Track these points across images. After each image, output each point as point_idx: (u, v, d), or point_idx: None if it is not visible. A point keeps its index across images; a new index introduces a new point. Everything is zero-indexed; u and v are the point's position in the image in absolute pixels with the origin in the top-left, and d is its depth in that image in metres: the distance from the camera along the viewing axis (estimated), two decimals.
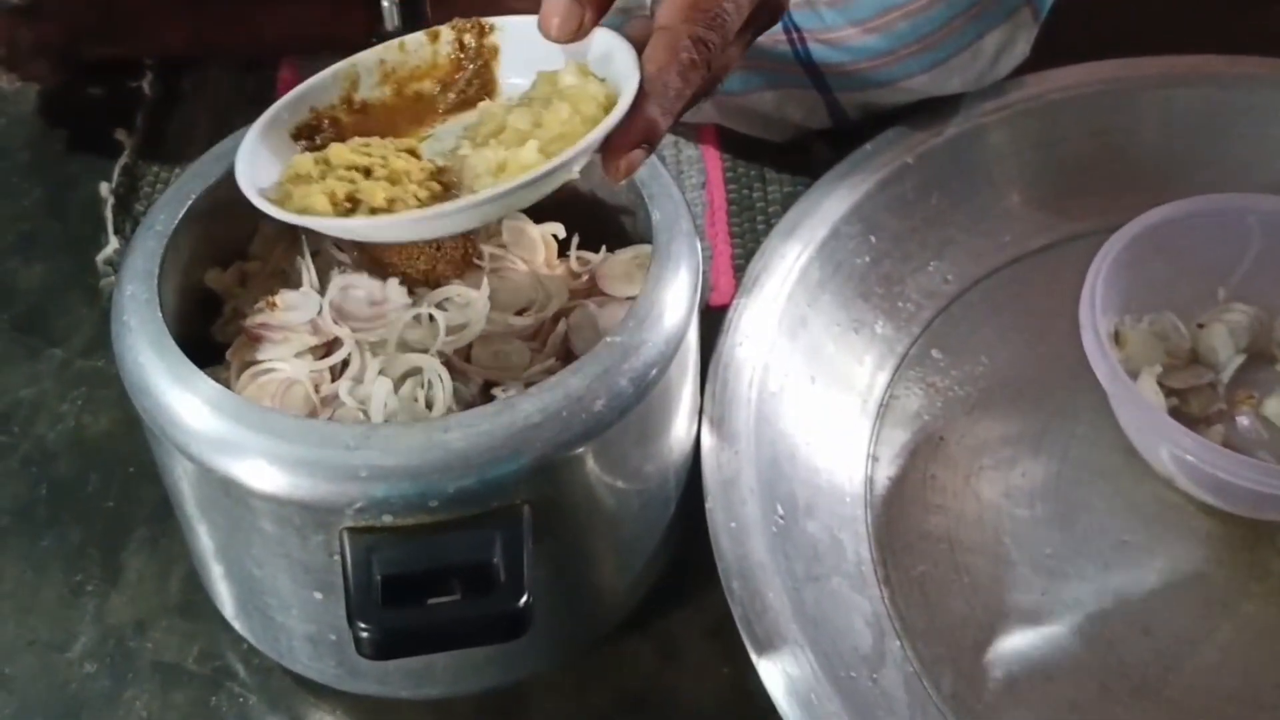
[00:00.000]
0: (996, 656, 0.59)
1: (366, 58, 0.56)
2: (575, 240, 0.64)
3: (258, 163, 0.53)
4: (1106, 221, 0.70)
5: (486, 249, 0.62)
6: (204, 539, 0.56)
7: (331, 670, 0.57)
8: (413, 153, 0.53)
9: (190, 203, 0.58)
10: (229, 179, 0.59)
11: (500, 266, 0.62)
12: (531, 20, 0.52)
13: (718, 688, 0.59)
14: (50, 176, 0.81)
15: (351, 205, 0.50)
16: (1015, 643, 0.60)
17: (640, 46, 0.50)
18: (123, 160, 0.80)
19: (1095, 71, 0.77)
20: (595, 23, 0.51)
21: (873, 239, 0.72)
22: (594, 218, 0.65)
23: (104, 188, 0.78)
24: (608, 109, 0.49)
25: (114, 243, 0.75)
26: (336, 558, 0.50)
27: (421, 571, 0.49)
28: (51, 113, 0.85)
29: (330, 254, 0.62)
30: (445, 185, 0.51)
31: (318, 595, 0.53)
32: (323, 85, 0.56)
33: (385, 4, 0.75)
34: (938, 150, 0.74)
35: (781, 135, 0.80)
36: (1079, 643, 0.60)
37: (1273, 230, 0.68)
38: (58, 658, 0.61)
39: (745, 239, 0.77)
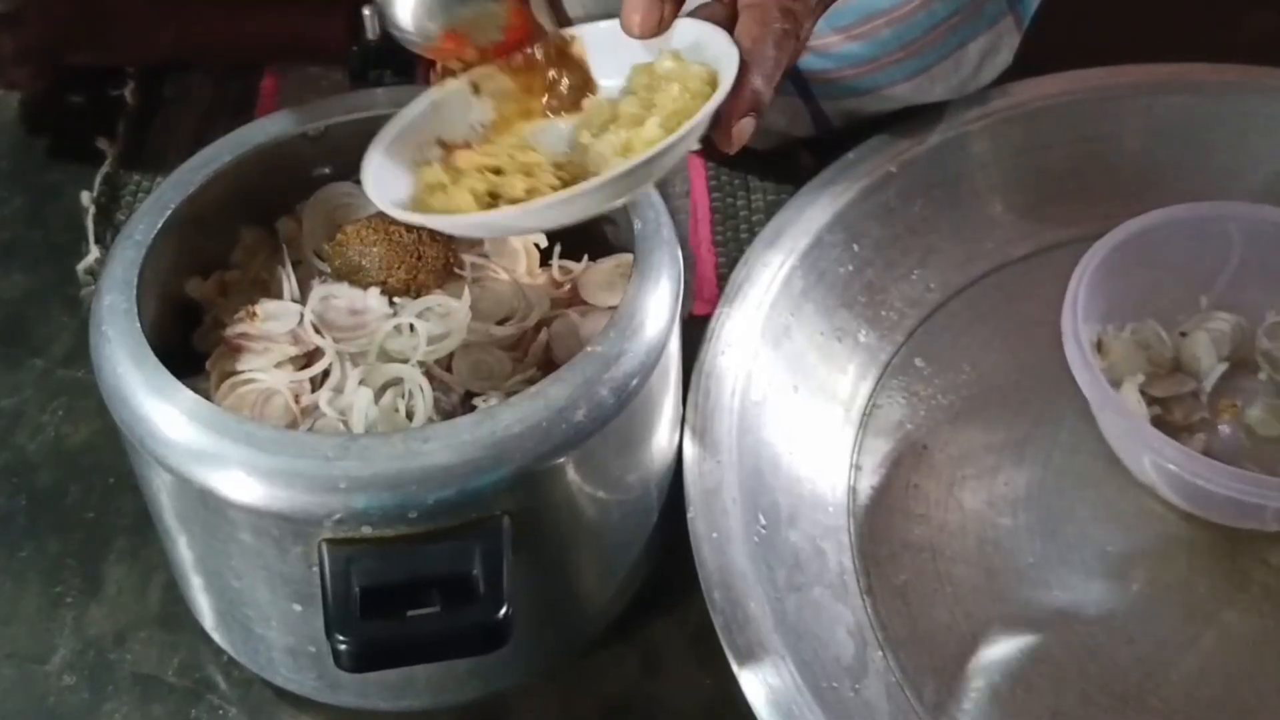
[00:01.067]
0: (979, 666, 0.59)
1: (457, 85, 0.55)
2: (557, 249, 0.64)
3: (384, 179, 0.53)
4: (1089, 229, 0.70)
5: (468, 258, 0.62)
6: (183, 550, 0.56)
7: (311, 682, 0.57)
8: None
9: (170, 212, 0.58)
10: (209, 188, 0.60)
11: (482, 276, 0.62)
12: (611, 24, 0.53)
13: (700, 698, 0.59)
14: (31, 185, 0.81)
15: (492, 201, 0.51)
16: (998, 652, 0.60)
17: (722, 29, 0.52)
18: (104, 169, 0.79)
19: (1077, 80, 0.77)
20: (675, 15, 0.52)
21: (856, 247, 0.72)
22: (576, 227, 0.64)
23: (85, 196, 0.77)
24: (713, 86, 0.50)
25: (95, 252, 0.75)
26: (315, 569, 0.50)
27: (401, 583, 0.49)
28: (32, 120, 0.84)
29: (311, 264, 0.62)
30: (572, 175, 0.52)
31: (297, 607, 0.53)
32: (438, 117, 0.55)
33: (366, 13, 0.74)
34: (921, 158, 0.74)
35: (765, 143, 0.80)
36: (1061, 651, 0.60)
37: (1254, 238, 0.68)
38: (36, 669, 0.60)
39: (729, 247, 0.77)
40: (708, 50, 0.52)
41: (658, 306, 0.55)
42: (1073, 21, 0.79)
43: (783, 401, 0.66)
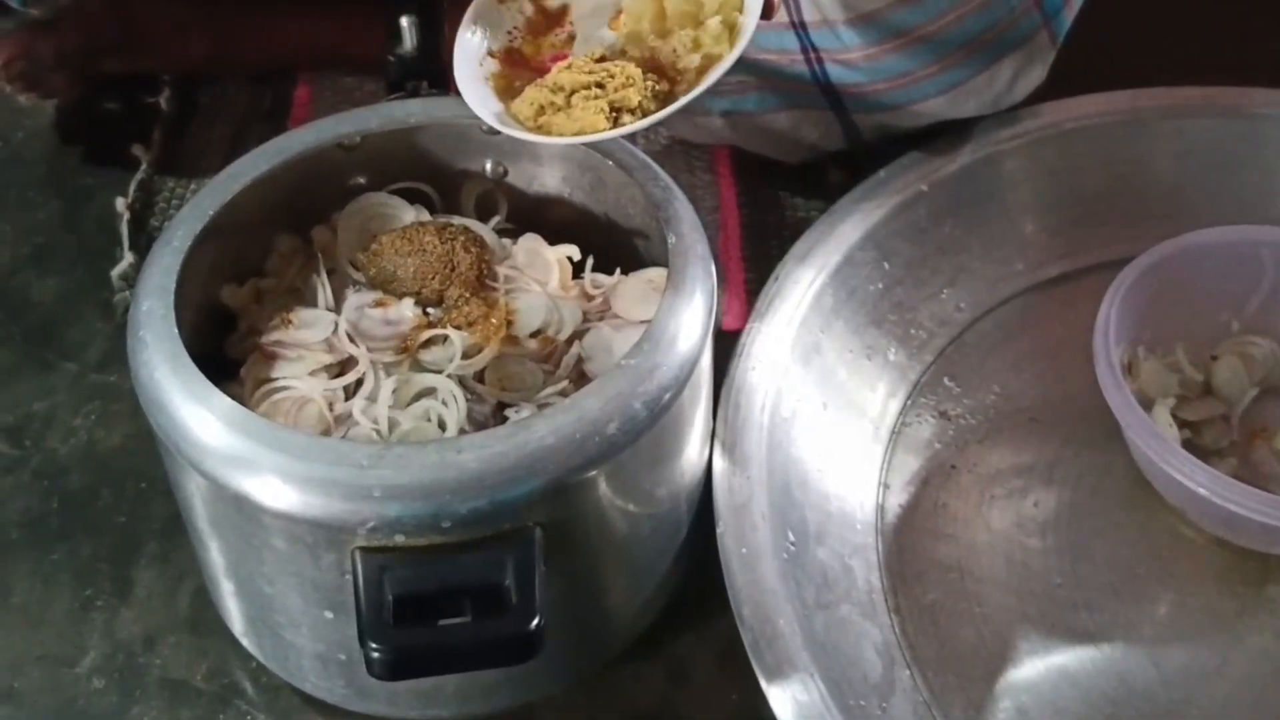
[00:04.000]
0: (1006, 686, 0.59)
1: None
2: (589, 263, 0.64)
3: (484, 105, 0.58)
4: (1120, 252, 0.70)
5: (501, 270, 0.62)
6: (215, 555, 0.56)
7: (340, 690, 0.57)
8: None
9: (208, 219, 0.59)
10: (245, 196, 0.60)
11: (514, 288, 0.62)
12: None
13: (725, 712, 0.59)
14: (66, 190, 0.82)
15: (616, 115, 0.56)
16: (1025, 673, 0.59)
17: None
18: (139, 175, 0.80)
19: (1110, 101, 0.77)
20: None
21: (886, 265, 0.72)
22: (608, 241, 0.65)
23: (119, 202, 0.78)
24: None
25: (129, 258, 0.75)
26: (348, 577, 0.50)
27: (433, 592, 0.49)
28: (68, 126, 0.85)
29: (346, 272, 0.63)
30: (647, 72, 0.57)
31: (328, 614, 0.53)
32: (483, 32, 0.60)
33: (403, 23, 0.75)
34: (952, 177, 0.74)
35: (796, 156, 0.80)
36: (1089, 674, 0.60)
37: None
38: (66, 672, 0.61)
39: (758, 263, 0.77)
40: None
41: (691, 321, 0.56)
42: (1106, 40, 0.79)
43: (812, 418, 0.66)
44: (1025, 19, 0.73)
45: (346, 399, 0.57)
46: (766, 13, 0.57)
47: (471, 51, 0.60)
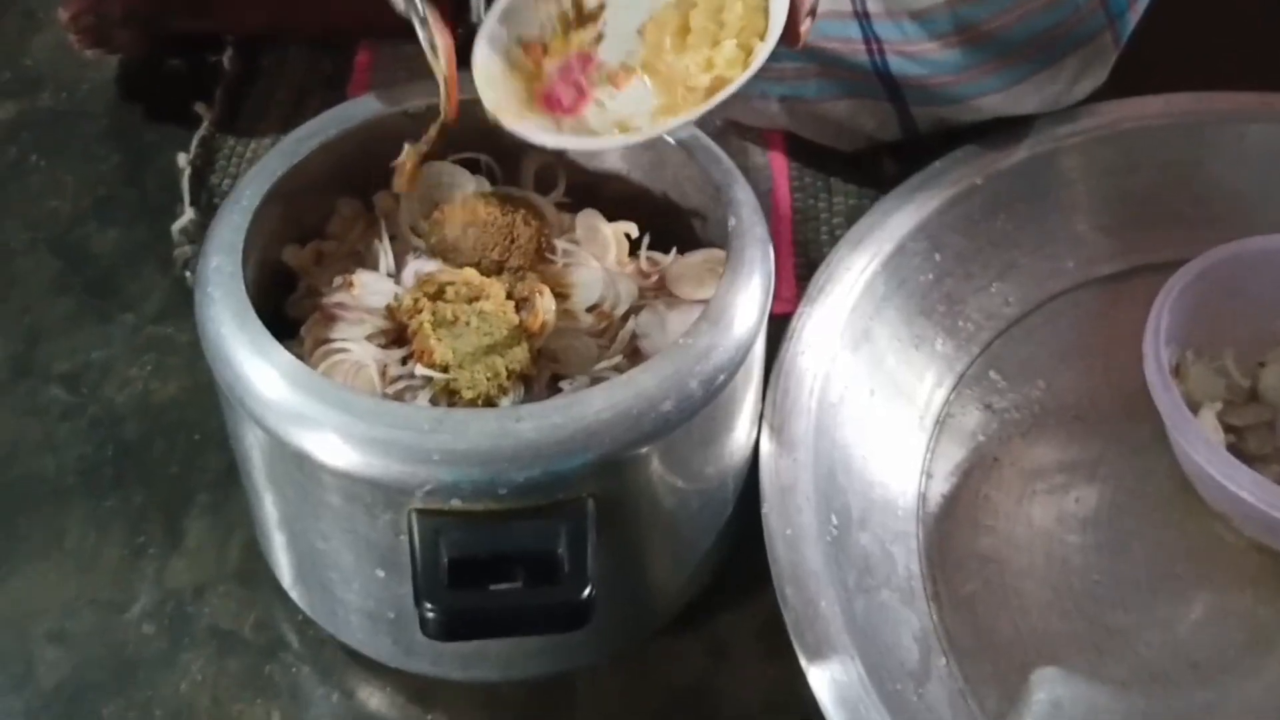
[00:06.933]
0: (1042, 679, 0.60)
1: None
2: (645, 240, 0.64)
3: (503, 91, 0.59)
4: (1172, 254, 0.70)
5: (559, 243, 0.63)
6: (270, 508, 0.58)
7: (387, 647, 0.58)
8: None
9: (275, 180, 0.59)
10: (312, 159, 0.61)
11: (572, 262, 0.63)
12: None
13: (763, 689, 0.60)
14: (128, 144, 0.83)
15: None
16: (1061, 667, 0.60)
17: None
18: (200, 132, 0.81)
19: (1170, 103, 0.77)
20: None
21: (937, 256, 0.72)
22: (665, 219, 0.65)
23: (181, 158, 0.79)
24: None
25: (189, 213, 0.76)
26: (403, 537, 0.51)
27: (487, 556, 0.50)
28: (132, 82, 0.86)
29: (407, 239, 0.63)
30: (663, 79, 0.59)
31: (380, 573, 0.54)
32: (515, 18, 0.61)
33: None
34: (1007, 172, 0.75)
35: (851, 145, 0.80)
36: (1124, 671, 0.60)
37: None
38: (116, 617, 0.62)
39: (808, 248, 0.77)
40: None
41: (748, 303, 0.56)
42: (1169, 42, 0.78)
43: (859, 404, 0.66)
44: (1090, 19, 0.73)
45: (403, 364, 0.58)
46: (790, 39, 0.56)
47: (499, 42, 0.60)
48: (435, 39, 0.59)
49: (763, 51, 0.56)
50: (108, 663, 0.61)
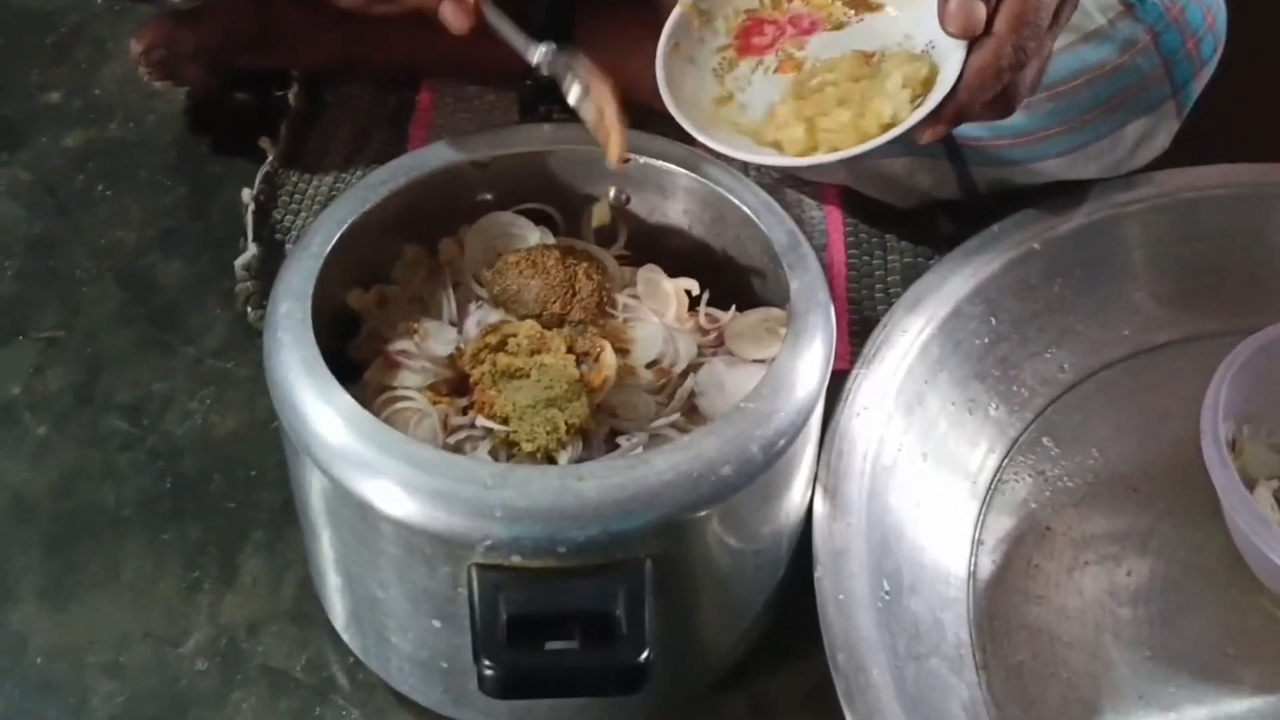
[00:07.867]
0: None
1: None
2: (705, 296, 0.65)
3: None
4: (1229, 325, 0.70)
5: (620, 298, 0.63)
6: (327, 551, 0.58)
7: (437, 696, 0.58)
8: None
9: (345, 228, 0.60)
10: (381, 206, 0.62)
11: (632, 317, 0.63)
12: None
13: None
14: (194, 177, 0.84)
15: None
16: None
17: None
18: (265, 168, 0.82)
19: (1232, 174, 0.77)
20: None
21: (993, 320, 0.72)
22: (724, 276, 0.66)
23: (246, 193, 0.80)
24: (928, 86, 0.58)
25: (252, 249, 0.77)
26: (461, 590, 0.52)
27: (546, 614, 0.50)
28: (199, 115, 0.88)
29: (469, 287, 0.64)
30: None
31: (436, 623, 0.54)
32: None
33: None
34: (1065, 237, 0.75)
35: (907, 201, 0.80)
36: None
37: None
38: (170, 652, 0.63)
39: (862, 305, 0.78)
40: (941, 47, 0.58)
41: (809, 367, 0.57)
42: (1232, 112, 0.79)
43: (912, 469, 0.66)
44: (1155, 87, 0.73)
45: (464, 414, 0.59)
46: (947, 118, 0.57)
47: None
48: (590, 85, 0.61)
49: (933, 99, 0.56)
50: (161, 698, 0.61)
